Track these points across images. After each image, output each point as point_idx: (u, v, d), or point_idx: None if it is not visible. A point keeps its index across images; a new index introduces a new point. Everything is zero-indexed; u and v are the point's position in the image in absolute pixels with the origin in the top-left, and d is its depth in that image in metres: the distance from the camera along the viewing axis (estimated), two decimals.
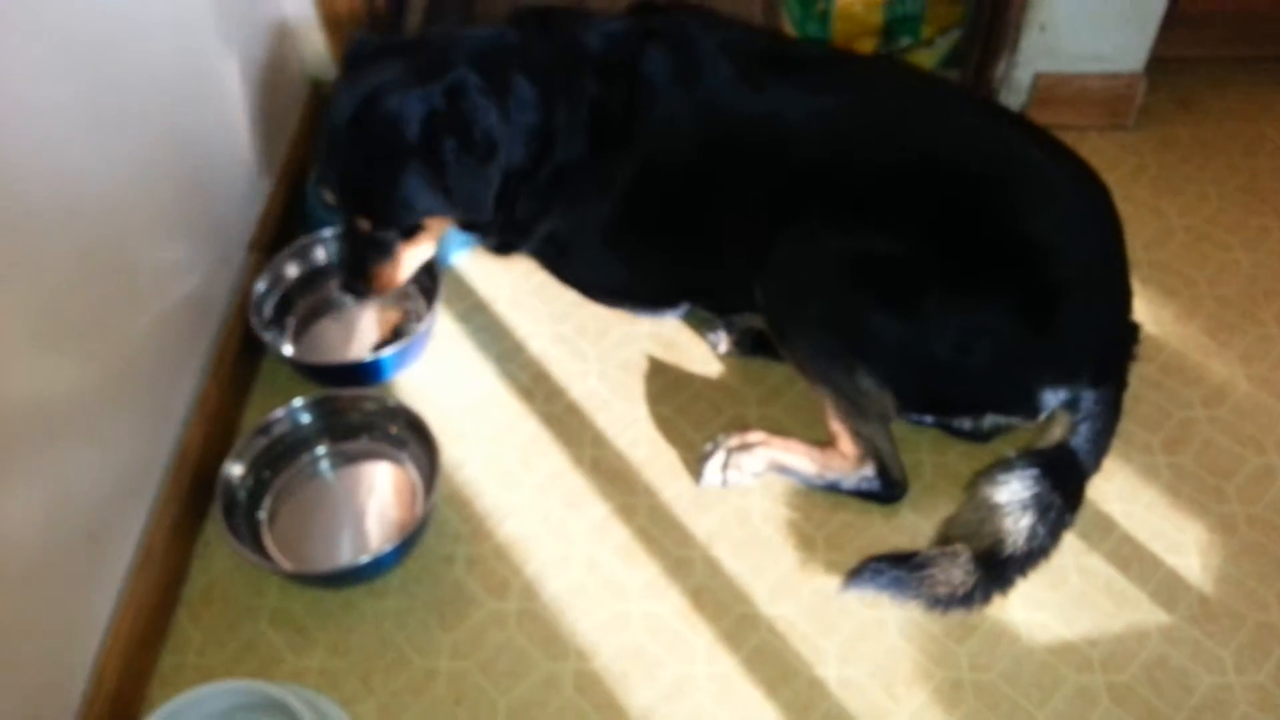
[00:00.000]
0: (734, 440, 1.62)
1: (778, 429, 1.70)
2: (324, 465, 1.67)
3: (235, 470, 1.56)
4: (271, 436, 1.62)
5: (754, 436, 1.63)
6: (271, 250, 1.89)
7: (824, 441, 1.61)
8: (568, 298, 1.92)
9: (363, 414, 1.66)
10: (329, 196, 1.57)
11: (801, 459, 1.60)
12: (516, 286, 1.96)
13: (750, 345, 1.81)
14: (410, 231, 1.61)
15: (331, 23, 2.06)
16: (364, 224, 1.57)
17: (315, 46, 2.11)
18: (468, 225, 1.73)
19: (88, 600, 1.38)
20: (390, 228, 1.58)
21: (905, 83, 1.72)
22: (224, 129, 1.78)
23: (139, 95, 1.48)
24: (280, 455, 1.64)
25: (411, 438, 1.64)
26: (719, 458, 1.61)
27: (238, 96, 1.82)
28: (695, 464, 1.67)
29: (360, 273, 1.63)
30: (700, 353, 1.84)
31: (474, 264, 1.97)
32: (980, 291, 1.48)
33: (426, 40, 1.63)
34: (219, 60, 1.76)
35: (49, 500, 1.27)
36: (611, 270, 1.83)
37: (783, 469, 1.61)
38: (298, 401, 1.64)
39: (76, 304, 1.32)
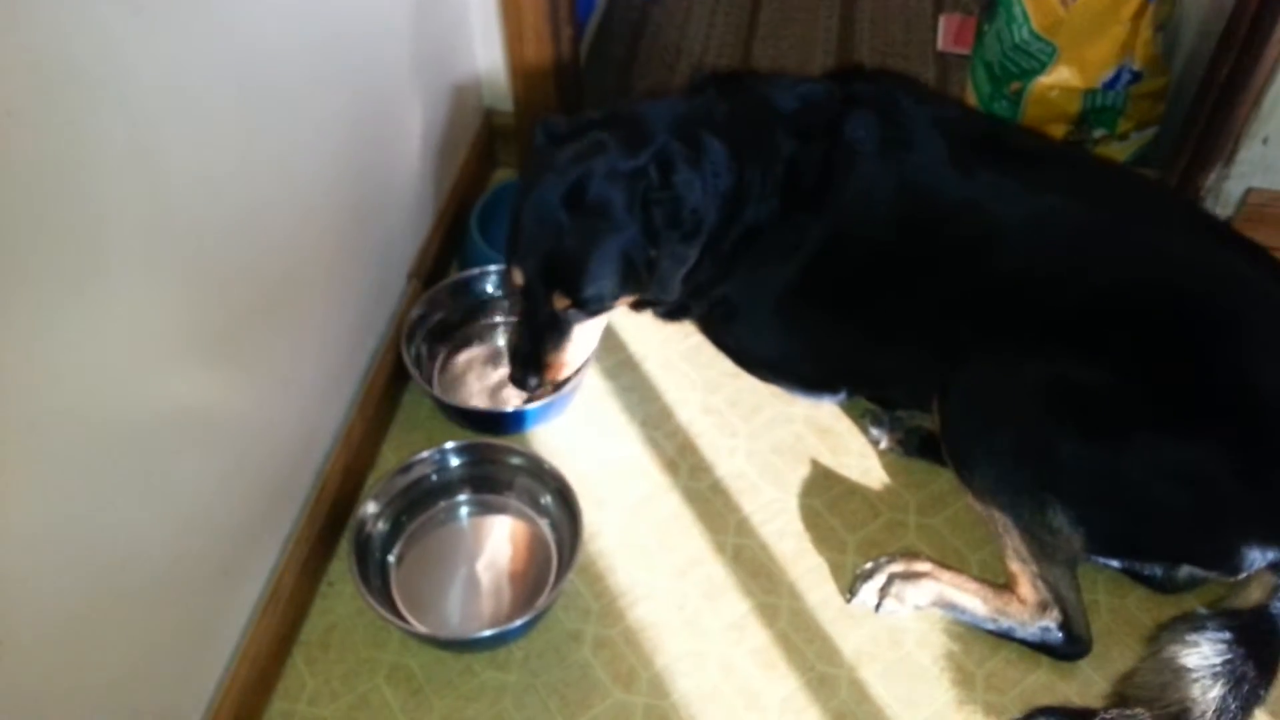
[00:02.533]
0: (899, 566, 1.50)
1: (939, 542, 1.58)
2: (462, 513, 1.61)
3: (371, 509, 1.51)
4: (412, 477, 1.57)
5: (922, 566, 1.50)
6: (429, 281, 1.85)
7: (999, 582, 1.48)
8: (722, 366, 1.83)
9: (511, 469, 1.60)
10: (518, 277, 1.51)
11: (973, 599, 1.46)
12: (668, 347, 1.88)
13: (915, 446, 1.69)
14: (595, 312, 1.54)
15: (520, 71, 2.02)
16: (561, 303, 1.50)
17: (497, 85, 2.07)
18: (640, 303, 1.66)
19: (213, 635, 1.34)
20: (587, 306, 1.51)
21: (1129, 191, 1.59)
22: (398, 157, 1.75)
23: (328, 128, 1.45)
24: (418, 499, 1.58)
25: (555, 502, 1.57)
26: (878, 580, 1.49)
27: (416, 128, 1.79)
28: (845, 573, 1.55)
29: (535, 361, 1.55)
30: (859, 446, 1.72)
31: (625, 317, 1.90)
32: (1196, 433, 1.34)
33: (618, 114, 1.55)
34: (406, 98, 1.73)
35: (189, 523, 1.23)
36: (778, 343, 1.74)
37: (950, 606, 1.48)
38: (448, 445, 1.58)
39: (243, 320, 1.28)
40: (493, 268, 1.85)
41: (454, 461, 1.59)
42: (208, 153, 1.13)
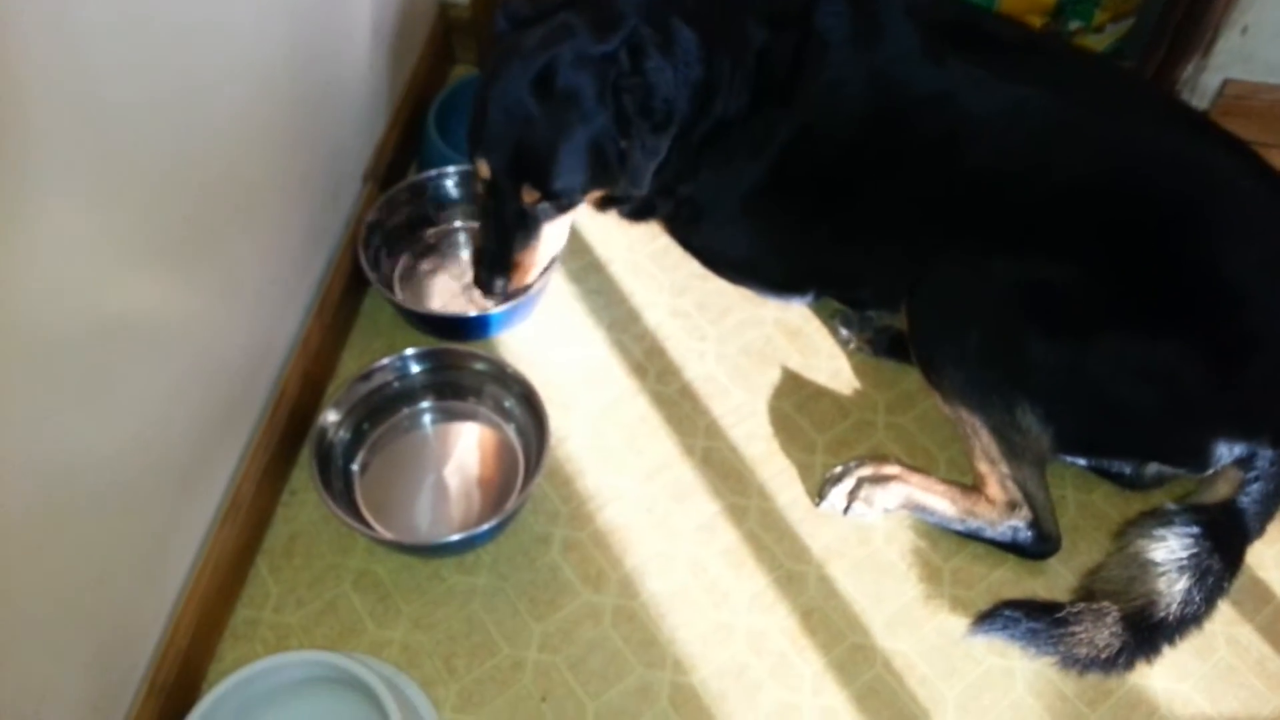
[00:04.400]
0: (867, 469, 1.49)
1: (907, 441, 1.57)
2: (425, 420, 1.58)
3: (331, 417, 1.48)
4: (373, 384, 1.53)
5: (890, 469, 1.49)
6: (386, 184, 1.78)
7: (968, 483, 1.47)
8: (690, 268, 1.79)
9: (475, 374, 1.56)
10: (484, 169, 1.44)
11: (942, 501, 1.46)
12: (635, 249, 1.83)
13: (885, 346, 1.67)
14: (565, 208, 1.48)
15: None
16: (530, 196, 1.44)
17: None
18: (606, 200, 1.61)
19: (172, 543, 1.30)
20: (558, 199, 1.46)
21: (1104, 82, 1.54)
22: (347, 51, 1.66)
23: (270, 17, 1.36)
24: (380, 406, 1.55)
25: (521, 407, 1.54)
26: (846, 484, 1.48)
27: (365, 20, 1.69)
28: (814, 474, 1.55)
29: (502, 261, 1.50)
30: (828, 347, 1.70)
31: (591, 219, 1.84)
32: (1165, 331, 1.33)
33: None
34: None
35: (141, 433, 1.19)
36: (745, 243, 1.70)
37: (918, 508, 1.47)
38: (408, 351, 1.53)
39: (184, 221, 1.21)
40: (452, 169, 1.78)
41: (416, 368, 1.55)
42: (139, 41, 1.06)
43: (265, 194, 1.42)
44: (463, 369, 1.56)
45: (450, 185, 1.80)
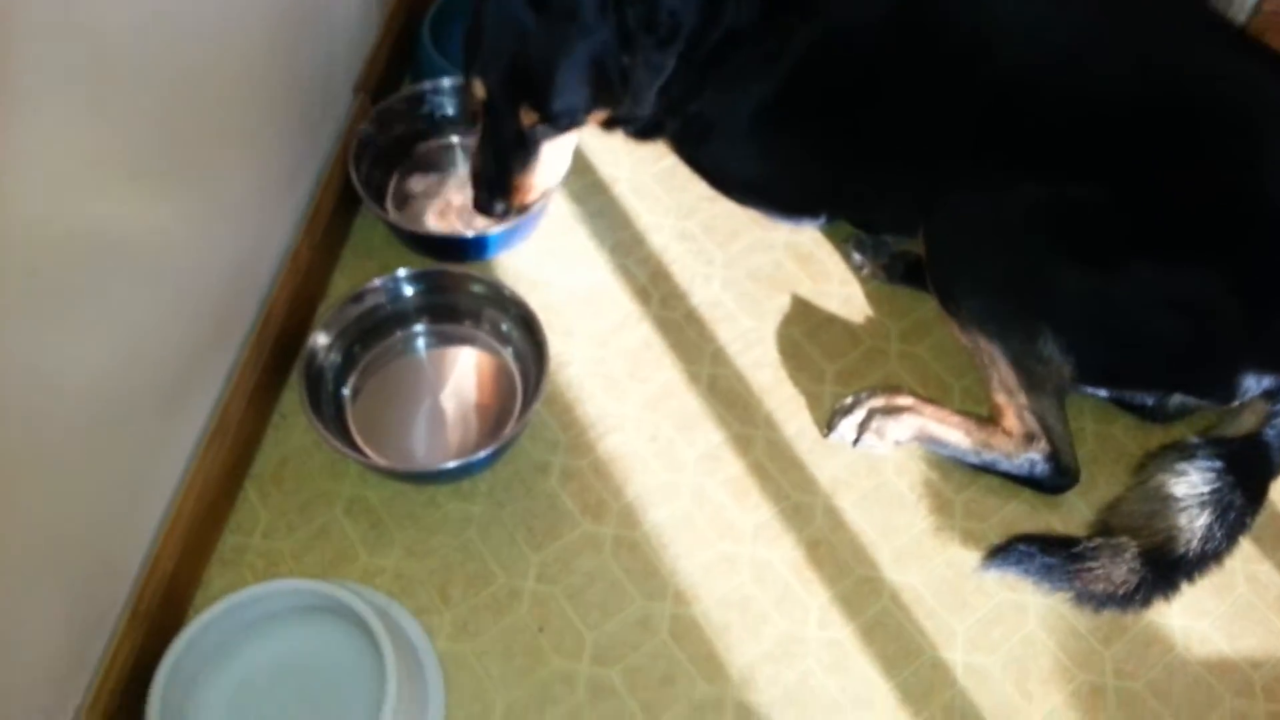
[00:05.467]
0: (879, 400, 1.43)
1: (921, 371, 1.51)
2: (419, 344, 1.51)
3: (322, 340, 1.41)
4: (365, 306, 1.46)
5: (903, 400, 1.43)
6: (379, 96, 1.70)
7: (984, 414, 1.41)
8: (697, 189, 1.71)
9: (471, 297, 1.49)
10: (479, 90, 1.36)
11: (956, 432, 1.40)
12: (640, 169, 1.75)
13: (900, 272, 1.60)
14: (565, 128, 1.41)
15: None
16: (528, 118, 1.36)
17: None
18: (612, 120, 1.52)
19: (155, 467, 1.25)
20: (558, 120, 1.38)
21: None
22: None
23: None
24: (372, 328, 1.48)
25: (519, 331, 1.47)
26: (857, 415, 1.42)
27: None
28: (823, 404, 1.49)
29: (501, 183, 1.42)
30: (840, 272, 1.63)
31: (594, 138, 1.76)
32: (1196, 258, 1.27)
33: None
34: None
35: (124, 347, 1.13)
36: (756, 162, 1.62)
37: (932, 440, 1.41)
38: (401, 272, 1.47)
39: (162, 132, 1.14)
40: (448, 81, 1.70)
41: (409, 290, 1.49)
42: None
43: (249, 105, 1.34)
44: (458, 291, 1.50)
45: (446, 99, 1.71)
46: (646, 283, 1.61)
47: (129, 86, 1.04)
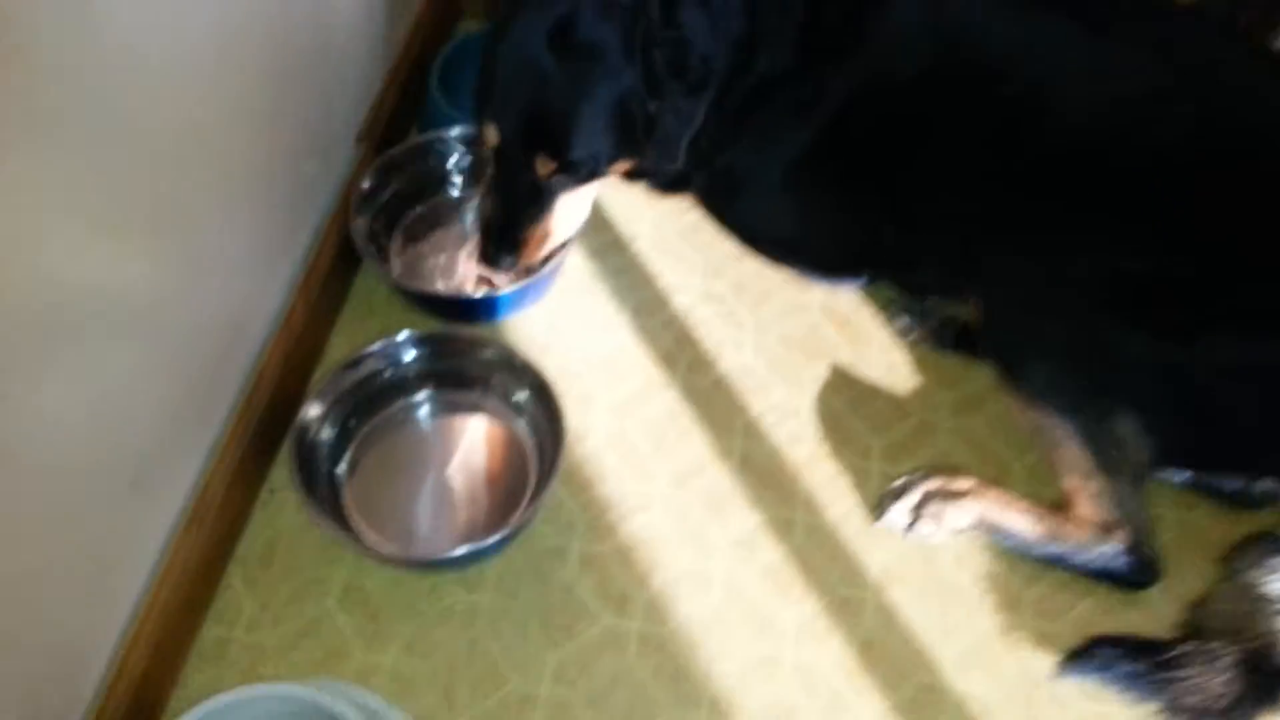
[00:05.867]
0: (934, 482, 1.29)
1: (977, 447, 1.38)
2: (422, 414, 1.38)
3: (315, 411, 1.28)
4: (362, 373, 1.33)
5: (962, 482, 1.29)
6: (383, 146, 1.58)
7: (1053, 499, 1.27)
8: (725, 246, 1.59)
9: (479, 362, 1.36)
10: (492, 135, 1.25)
11: (1023, 521, 1.26)
12: (662, 224, 1.63)
13: (950, 338, 1.47)
14: (584, 180, 1.30)
15: None
16: (544, 167, 1.25)
17: None
18: (635, 172, 1.42)
19: (127, 549, 1.12)
20: (576, 170, 1.27)
21: (1200, 38, 1.33)
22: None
23: None
24: (371, 397, 1.35)
25: (532, 400, 1.34)
26: (910, 499, 1.28)
27: None
28: (870, 483, 1.35)
29: (511, 236, 1.31)
30: (883, 338, 1.50)
31: (613, 191, 1.64)
32: None
33: None
34: None
35: (94, 413, 0.99)
36: (790, 218, 1.50)
37: (994, 529, 1.27)
38: (402, 335, 1.34)
39: (149, 180, 1.02)
40: (456, 131, 1.59)
41: (411, 354, 1.36)
42: None
43: (241, 153, 1.22)
44: (465, 356, 1.37)
45: (454, 150, 1.60)
46: (671, 347, 1.48)
47: (103, 125, 0.92)
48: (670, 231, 1.62)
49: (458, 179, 1.62)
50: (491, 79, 1.24)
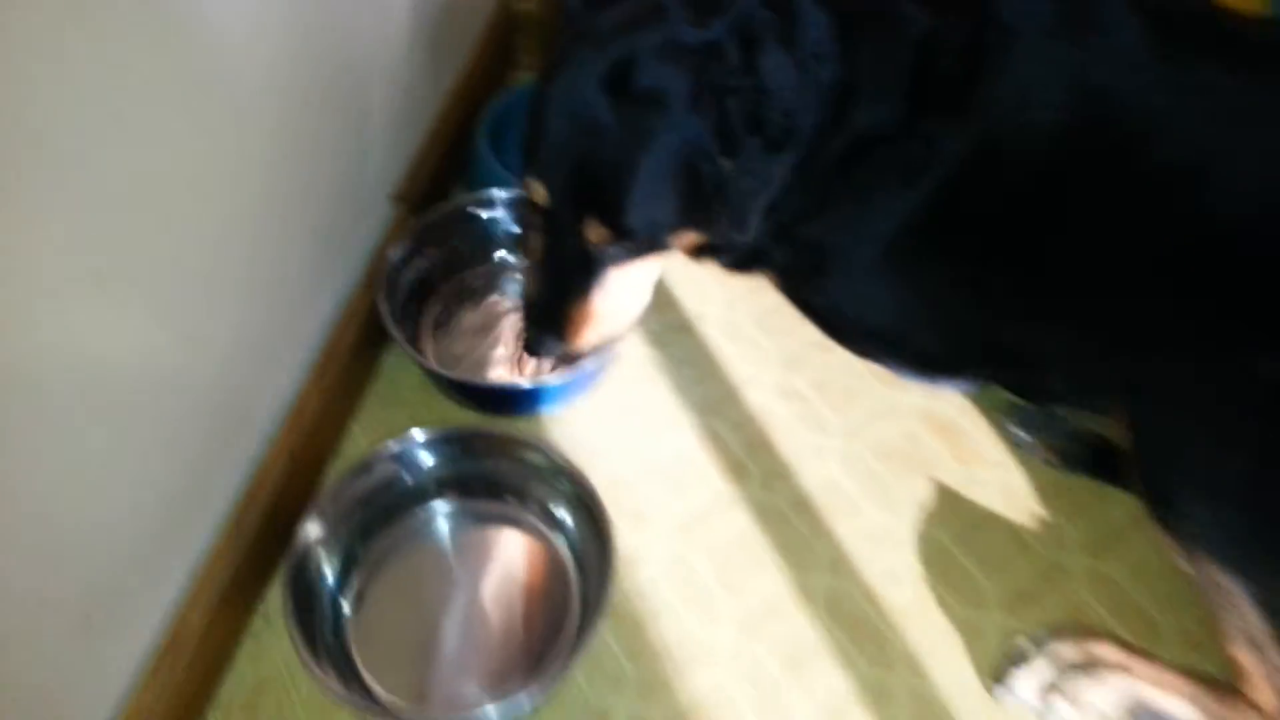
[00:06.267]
0: (1070, 649, 1.04)
1: (1115, 598, 1.12)
2: (443, 529, 1.16)
3: (315, 531, 1.07)
4: (374, 480, 1.12)
5: (1105, 650, 1.04)
6: (420, 208, 1.39)
7: (1220, 675, 1.01)
8: (807, 334, 1.36)
9: (514, 466, 1.15)
10: (538, 193, 1.05)
11: (1185, 704, 1.00)
12: (735, 307, 1.42)
13: (1082, 458, 1.23)
14: (642, 251, 1.09)
15: None
16: (596, 233, 1.05)
17: None
18: (702, 247, 1.21)
19: (78, 695, 0.91)
20: (633, 238, 1.06)
21: None
22: (378, 39, 1.28)
23: None
24: (384, 511, 1.14)
25: (575, 514, 1.13)
26: (1040, 670, 1.03)
27: (404, 4, 1.32)
28: (986, 640, 1.10)
29: (558, 318, 1.10)
30: (996, 453, 1.26)
31: (678, 266, 1.43)
32: None
33: None
34: None
35: (43, 520, 0.80)
36: (888, 304, 1.27)
37: (1148, 713, 1.01)
38: (419, 435, 1.13)
39: (150, 242, 0.84)
40: (504, 193, 1.39)
41: (431, 457, 1.15)
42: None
43: (253, 210, 1.04)
44: (498, 458, 1.16)
45: (502, 214, 1.40)
46: (743, 454, 1.26)
47: (110, 185, 0.74)
48: (743, 316, 1.40)
49: (504, 248, 1.43)
50: (540, 128, 1.04)
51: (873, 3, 1.10)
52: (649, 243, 1.09)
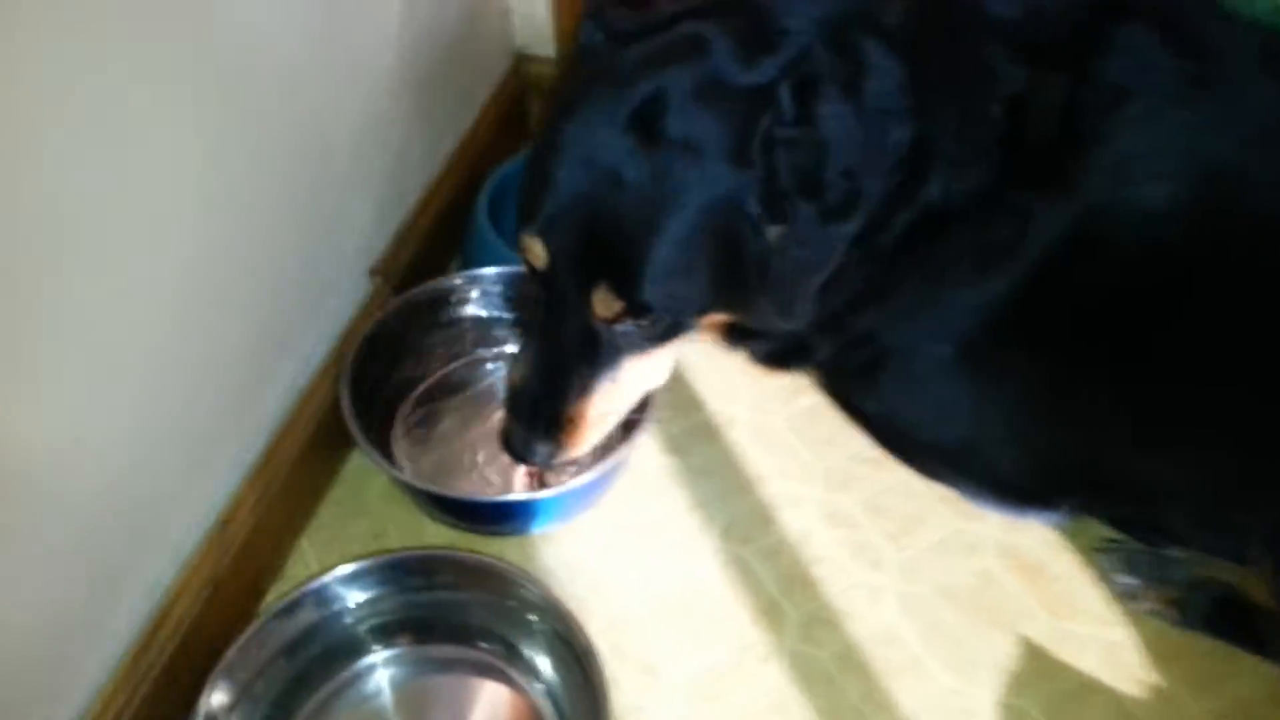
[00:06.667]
0: None
1: None
2: (387, 683, 0.92)
3: (220, 697, 0.83)
4: (299, 625, 0.89)
5: None
6: (404, 286, 1.19)
7: None
8: (855, 445, 1.14)
9: (486, 605, 0.92)
10: (537, 255, 0.85)
11: None
12: (767, 408, 1.20)
13: (1203, 612, 0.98)
14: (662, 334, 0.89)
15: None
16: (606, 307, 0.84)
17: (536, 18, 1.45)
18: (738, 332, 1.02)
19: None
20: (651, 315, 0.86)
21: None
22: (367, 89, 1.11)
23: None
24: (312, 664, 0.90)
25: (562, 665, 0.89)
26: None
27: (399, 49, 1.15)
28: None
29: (551, 413, 0.89)
30: (1094, 602, 1.02)
31: (702, 356, 1.21)
32: None
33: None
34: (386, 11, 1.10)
35: None
36: (959, 414, 1.04)
37: None
38: (344, 569, 0.89)
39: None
40: (494, 271, 1.19)
41: (374, 590, 0.91)
42: None
43: (180, 272, 0.83)
44: (467, 590, 0.93)
45: (496, 294, 1.20)
46: (777, 593, 1.02)
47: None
48: (779, 420, 1.18)
49: (492, 335, 1.22)
50: (542, 177, 0.84)
51: (955, 53, 0.90)
52: (671, 324, 0.88)
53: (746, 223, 0.82)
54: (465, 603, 0.92)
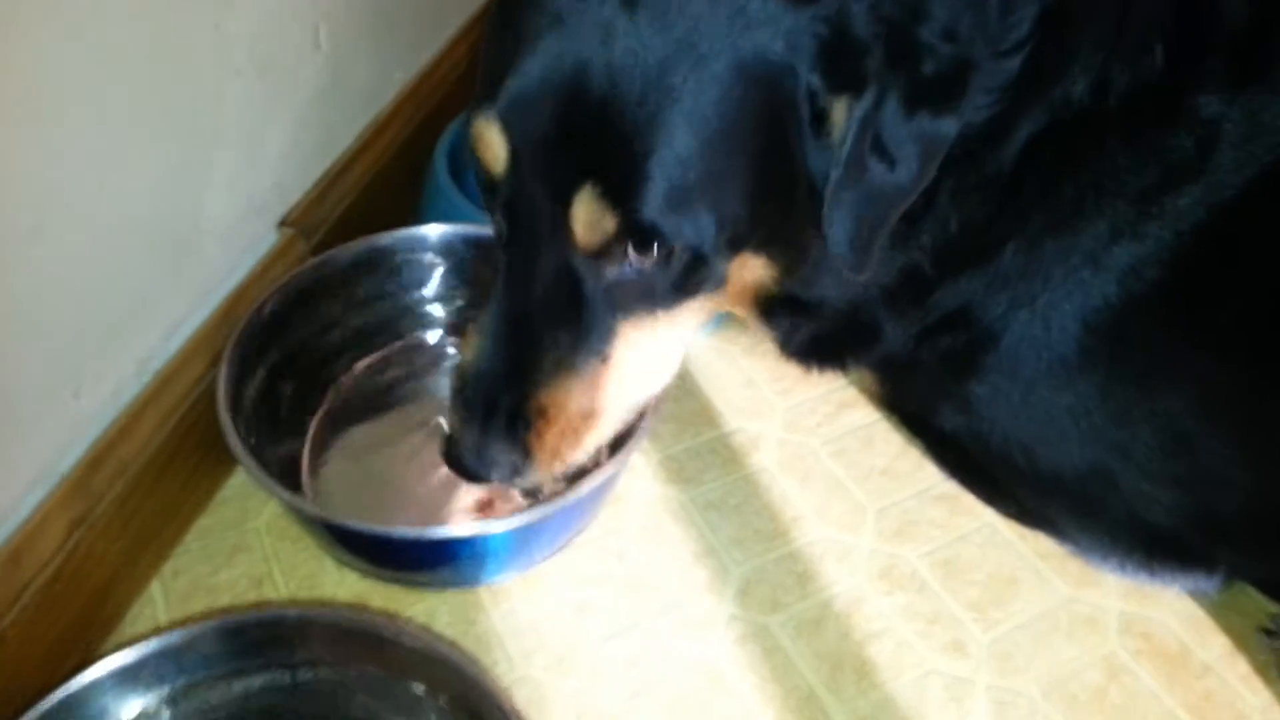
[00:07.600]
0: None
1: None
2: None
3: None
4: None
5: None
6: (325, 243, 0.90)
7: None
8: (922, 479, 0.87)
9: (374, 684, 0.63)
10: (494, 151, 0.60)
11: None
12: (803, 424, 0.94)
13: None
14: (679, 281, 0.63)
15: None
16: (595, 227, 0.60)
17: None
18: (774, 301, 0.75)
19: None
20: (664, 247, 0.59)
21: None
22: None
23: None
24: None
25: None
26: None
27: None
28: None
29: (510, 400, 0.64)
30: (1258, 698, 0.74)
31: (717, 356, 0.94)
32: None
33: None
34: None
35: None
36: (1088, 430, 0.74)
37: None
38: (175, 637, 0.61)
39: None
40: (447, 230, 0.91)
41: (179, 680, 0.61)
42: None
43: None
44: (344, 667, 0.63)
45: (446, 261, 0.91)
46: (815, 680, 0.74)
47: None
48: (817, 441, 0.92)
49: (446, 312, 0.93)
50: (507, 38, 0.60)
51: None
52: (689, 262, 0.61)
53: (801, 95, 0.57)
54: (342, 688, 0.61)
